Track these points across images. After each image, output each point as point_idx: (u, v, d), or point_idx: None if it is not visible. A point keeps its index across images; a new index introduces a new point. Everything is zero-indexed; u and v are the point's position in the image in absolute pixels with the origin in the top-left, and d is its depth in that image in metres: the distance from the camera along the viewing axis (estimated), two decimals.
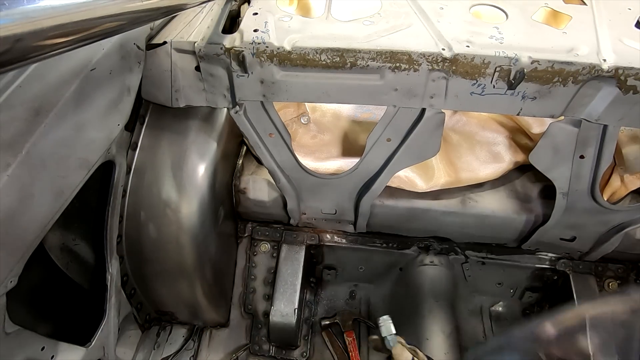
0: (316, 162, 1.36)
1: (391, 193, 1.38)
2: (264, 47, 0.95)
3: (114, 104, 0.94)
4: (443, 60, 0.93)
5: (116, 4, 0.55)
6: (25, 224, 0.74)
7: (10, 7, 0.38)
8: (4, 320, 0.75)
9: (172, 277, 1.28)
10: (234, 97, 1.07)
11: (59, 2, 0.44)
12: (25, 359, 0.81)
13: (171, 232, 1.21)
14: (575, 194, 1.22)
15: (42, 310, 0.98)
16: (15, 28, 0.39)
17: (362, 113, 1.55)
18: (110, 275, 1.11)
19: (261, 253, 1.53)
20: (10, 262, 0.72)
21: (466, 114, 1.50)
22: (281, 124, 1.19)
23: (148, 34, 1.02)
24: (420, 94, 1.01)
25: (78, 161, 0.85)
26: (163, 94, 1.07)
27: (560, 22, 1.04)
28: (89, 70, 0.84)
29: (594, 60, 0.91)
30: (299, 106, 1.51)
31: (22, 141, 0.71)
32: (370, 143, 1.19)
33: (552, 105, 0.99)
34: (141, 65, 1.00)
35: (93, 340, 1.04)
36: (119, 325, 1.21)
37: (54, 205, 0.79)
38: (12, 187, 0.69)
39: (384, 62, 0.95)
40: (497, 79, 0.95)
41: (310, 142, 1.49)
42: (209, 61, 1.00)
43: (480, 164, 1.40)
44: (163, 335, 1.45)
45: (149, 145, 1.19)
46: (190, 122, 1.21)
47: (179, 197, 1.19)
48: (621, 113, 0.98)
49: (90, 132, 0.87)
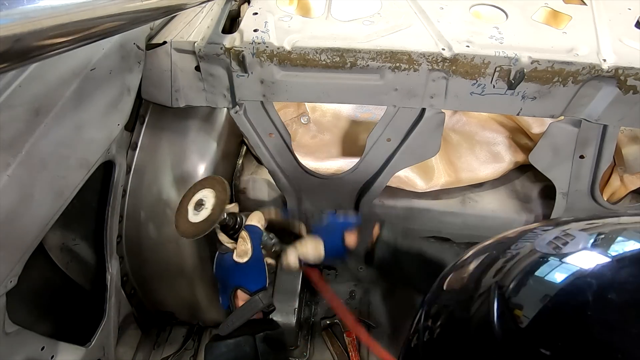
0: (316, 162, 1.36)
1: (391, 193, 1.38)
2: (264, 47, 0.95)
3: (114, 104, 0.94)
4: (443, 60, 0.93)
5: (116, 4, 0.55)
6: (25, 224, 0.74)
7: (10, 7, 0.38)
8: (4, 320, 0.75)
9: (172, 277, 1.28)
10: (234, 97, 1.07)
11: (59, 2, 0.44)
12: (25, 358, 0.81)
13: (171, 232, 1.21)
14: (575, 194, 1.22)
15: (42, 310, 0.98)
16: (15, 28, 0.39)
17: (362, 113, 1.55)
18: (110, 275, 1.11)
19: None
20: (10, 262, 0.72)
21: (466, 114, 1.50)
22: (281, 124, 1.19)
23: (148, 34, 1.02)
24: (420, 94, 1.01)
25: (78, 161, 0.85)
26: (163, 94, 1.07)
27: (560, 22, 1.04)
28: (89, 70, 0.84)
29: (594, 60, 0.91)
30: (299, 106, 1.51)
31: (22, 141, 0.71)
32: (370, 143, 1.19)
33: (552, 105, 0.99)
34: (141, 65, 1.00)
35: (93, 340, 1.04)
36: (119, 325, 1.21)
37: (54, 205, 0.79)
38: (12, 187, 0.69)
39: (384, 62, 0.95)
40: (497, 79, 0.95)
41: (310, 142, 1.49)
42: (208, 61, 1.00)
43: (480, 164, 1.40)
44: (163, 335, 1.45)
45: (149, 145, 1.19)
46: (190, 122, 1.21)
47: (179, 197, 1.19)
48: (621, 113, 0.98)
49: (90, 132, 0.87)
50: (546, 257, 0.40)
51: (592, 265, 0.37)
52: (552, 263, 0.39)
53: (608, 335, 0.32)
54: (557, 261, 0.39)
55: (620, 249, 0.38)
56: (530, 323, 0.36)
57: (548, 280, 0.38)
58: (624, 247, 0.38)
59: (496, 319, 0.37)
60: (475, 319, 0.40)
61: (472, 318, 0.40)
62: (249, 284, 0.85)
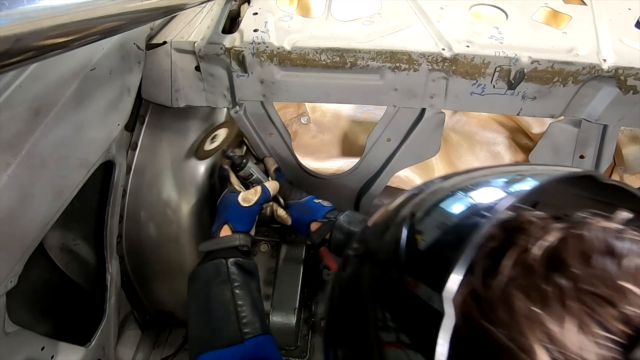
0: (316, 162, 1.37)
1: (391, 193, 1.38)
2: (264, 47, 0.95)
3: (114, 104, 0.94)
4: (443, 60, 0.93)
5: (116, 4, 0.55)
6: (25, 224, 0.74)
7: (10, 7, 0.38)
8: (4, 320, 0.74)
9: (172, 277, 1.28)
10: (234, 97, 1.07)
11: (59, 2, 0.44)
12: (25, 358, 0.81)
13: (171, 232, 1.21)
14: None
15: (42, 310, 0.98)
16: (15, 28, 0.38)
17: (362, 113, 1.55)
18: (110, 275, 1.11)
19: (261, 253, 1.53)
20: (10, 262, 0.72)
21: (466, 114, 1.50)
22: (281, 124, 1.19)
23: (148, 34, 1.02)
24: (420, 94, 1.01)
25: (78, 161, 0.85)
26: (163, 94, 1.07)
27: (560, 22, 1.04)
28: (89, 70, 0.84)
29: (594, 60, 0.91)
30: (299, 106, 1.51)
31: (22, 141, 0.71)
32: (370, 143, 1.19)
33: (552, 105, 0.99)
34: (141, 65, 1.00)
35: (93, 340, 1.04)
36: (119, 325, 1.21)
37: (54, 205, 0.79)
38: (12, 187, 0.69)
39: (384, 62, 0.95)
40: (497, 79, 0.95)
41: (310, 142, 1.50)
42: (208, 61, 1.00)
43: (480, 164, 1.40)
44: (163, 335, 1.45)
45: (149, 145, 1.18)
46: (190, 122, 1.20)
47: (179, 197, 1.19)
48: (621, 113, 0.98)
49: (90, 132, 0.87)
50: (455, 192, 0.43)
51: (488, 199, 0.39)
52: (457, 196, 0.42)
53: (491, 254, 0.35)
54: (462, 195, 0.42)
55: (519, 187, 0.40)
56: (426, 246, 0.39)
57: (447, 209, 0.42)
58: (521, 187, 0.40)
59: (403, 243, 0.40)
60: (386, 245, 0.44)
61: (385, 245, 0.44)
62: (237, 223, 1.03)
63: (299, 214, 1.13)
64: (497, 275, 0.33)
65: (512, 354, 0.29)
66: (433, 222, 0.42)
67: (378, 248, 0.46)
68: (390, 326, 0.38)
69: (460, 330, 0.31)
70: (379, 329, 0.39)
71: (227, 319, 0.88)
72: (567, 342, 0.28)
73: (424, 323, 0.33)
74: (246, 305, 0.90)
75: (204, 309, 0.92)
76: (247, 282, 0.95)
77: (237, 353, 0.82)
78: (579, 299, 0.30)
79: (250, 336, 0.85)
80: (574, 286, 0.30)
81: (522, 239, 0.35)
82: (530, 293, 0.31)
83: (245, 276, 0.95)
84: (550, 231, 0.34)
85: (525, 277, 0.32)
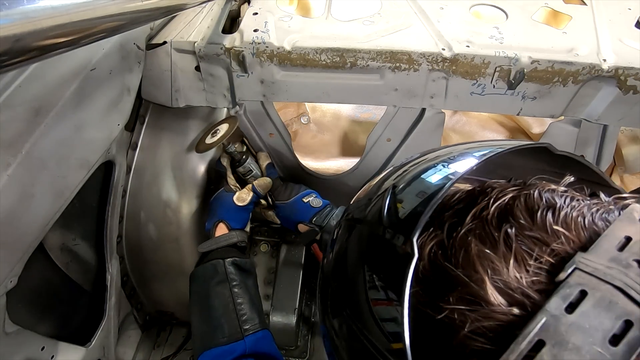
0: (316, 162, 1.36)
1: None
2: (264, 47, 0.95)
3: (114, 104, 0.94)
4: (443, 60, 0.93)
5: (116, 4, 0.55)
6: (25, 224, 0.74)
7: (10, 7, 0.38)
8: (4, 320, 0.75)
9: (172, 277, 1.28)
10: (234, 97, 1.07)
11: (59, 2, 0.44)
12: (25, 358, 0.81)
13: (171, 232, 1.21)
14: None
15: (42, 310, 0.98)
16: (15, 28, 0.38)
17: (362, 113, 1.55)
18: (110, 275, 1.11)
19: (261, 253, 1.53)
20: (10, 262, 0.72)
21: (466, 114, 1.50)
22: (281, 124, 1.19)
23: (148, 34, 1.02)
24: (420, 94, 1.01)
25: (78, 161, 0.85)
26: (163, 94, 1.07)
27: (560, 22, 1.04)
28: (89, 70, 0.84)
29: (594, 60, 0.91)
30: (299, 106, 1.51)
31: (22, 141, 0.71)
32: (370, 143, 1.19)
33: (552, 105, 0.99)
34: (141, 65, 1.00)
35: (93, 340, 1.04)
36: (119, 325, 1.21)
37: (54, 205, 0.79)
38: (12, 187, 0.69)
39: (384, 62, 0.95)
40: (497, 79, 0.95)
41: (310, 142, 1.50)
42: (208, 61, 1.00)
43: None
44: (163, 335, 1.45)
45: (149, 145, 1.19)
46: (190, 122, 1.21)
47: (179, 197, 1.19)
48: (621, 113, 0.98)
49: (90, 132, 0.87)
50: (436, 165, 0.47)
51: (462, 168, 0.44)
52: (437, 168, 0.47)
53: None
54: (441, 167, 0.46)
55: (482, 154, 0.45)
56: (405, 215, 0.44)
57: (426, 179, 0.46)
58: (485, 155, 0.45)
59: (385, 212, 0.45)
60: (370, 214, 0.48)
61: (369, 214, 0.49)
62: (232, 221, 1.07)
63: (287, 215, 1.15)
64: (460, 229, 0.39)
65: (468, 286, 0.36)
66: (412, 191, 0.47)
67: (365, 211, 0.50)
68: (375, 279, 0.43)
69: (427, 272, 0.40)
70: (367, 284, 0.44)
71: (228, 316, 0.92)
72: (509, 273, 0.35)
73: (398, 265, 0.38)
74: (245, 303, 0.94)
75: (205, 308, 0.95)
76: (244, 280, 0.98)
77: (239, 349, 0.87)
78: (522, 242, 0.36)
79: (251, 332, 0.89)
80: (518, 232, 0.37)
81: (484, 200, 0.41)
82: (483, 239, 0.38)
83: (243, 275, 0.99)
84: (507, 193, 0.41)
85: (481, 228, 0.39)
